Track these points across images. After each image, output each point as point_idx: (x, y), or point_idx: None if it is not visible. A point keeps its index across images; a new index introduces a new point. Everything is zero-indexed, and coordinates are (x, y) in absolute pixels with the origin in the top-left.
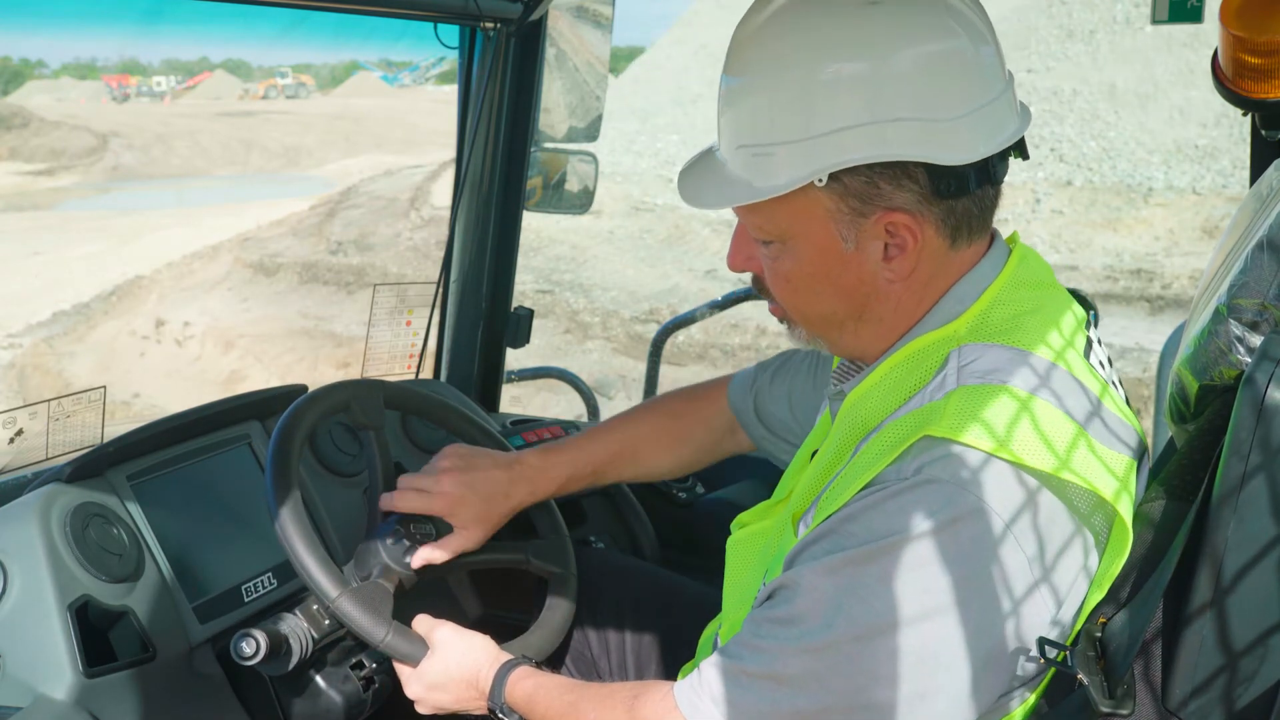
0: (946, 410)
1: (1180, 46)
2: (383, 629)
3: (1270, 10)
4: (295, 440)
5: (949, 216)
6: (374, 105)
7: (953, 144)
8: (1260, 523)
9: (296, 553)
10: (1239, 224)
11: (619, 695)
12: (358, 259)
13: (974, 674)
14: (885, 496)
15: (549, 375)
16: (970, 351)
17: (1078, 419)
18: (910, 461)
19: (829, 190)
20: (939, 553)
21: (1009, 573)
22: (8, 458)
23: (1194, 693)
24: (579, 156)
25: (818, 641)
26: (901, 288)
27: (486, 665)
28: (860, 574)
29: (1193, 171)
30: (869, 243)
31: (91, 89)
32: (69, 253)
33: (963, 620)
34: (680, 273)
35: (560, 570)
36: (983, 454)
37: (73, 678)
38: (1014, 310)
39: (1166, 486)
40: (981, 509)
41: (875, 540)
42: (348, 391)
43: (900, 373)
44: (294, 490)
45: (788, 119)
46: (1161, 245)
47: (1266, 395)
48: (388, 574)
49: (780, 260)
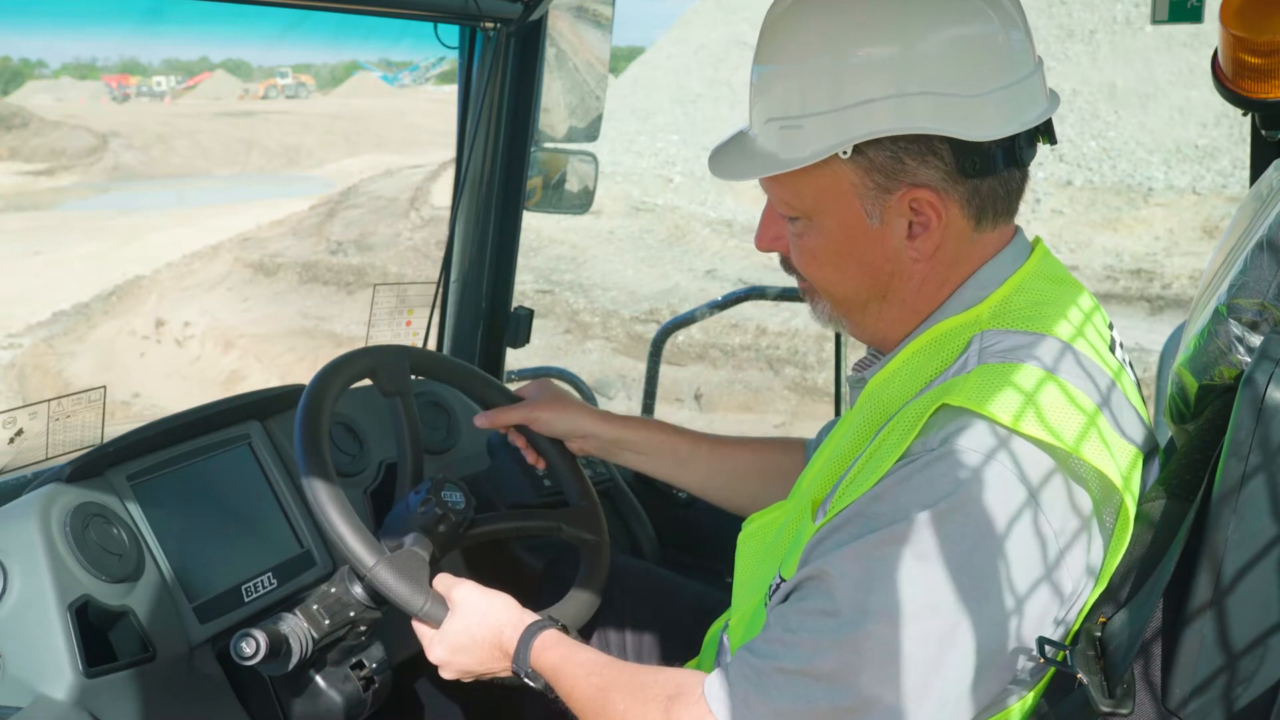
0: (969, 384)
1: (1180, 46)
2: (421, 597)
3: (1270, 10)
4: (324, 407)
5: (974, 196)
6: (374, 105)
7: (977, 120)
8: (1260, 522)
9: (331, 521)
10: (1239, 224)
11: (653, 692)
12: (358, 259)
13: (1003, 650)
14: (912, 470)
15: (549, 375)
16: (993, 336)
17: (1095, 402)
18: (935, 434)
19: (854, 164)
20: (971, 524)
21: (1039, 543)
22: (8, 458)
23: (1194, 692)
24: (579, 156)
25: (856, 631)
26: (925, 267)
27: (510, 626)
28: (890, 554)
29: (1193, 171)
30: (893, 219)
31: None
32: (69, 253)
33: (997, 596)
34: (680, 273)
35: (593, 537)
36: (1004, 426)
37: (73, 678)
38: (1035, 298)
39: (1166, 486)
40: (1008, 478)
41: (902, 519)
42: (374, 357)
43: (922, 358)
44: (326, 458)
45: (816, 93)
46: (1161, 245)
47: (1266, 395)
48: (421, 542)
49: (806, 237)
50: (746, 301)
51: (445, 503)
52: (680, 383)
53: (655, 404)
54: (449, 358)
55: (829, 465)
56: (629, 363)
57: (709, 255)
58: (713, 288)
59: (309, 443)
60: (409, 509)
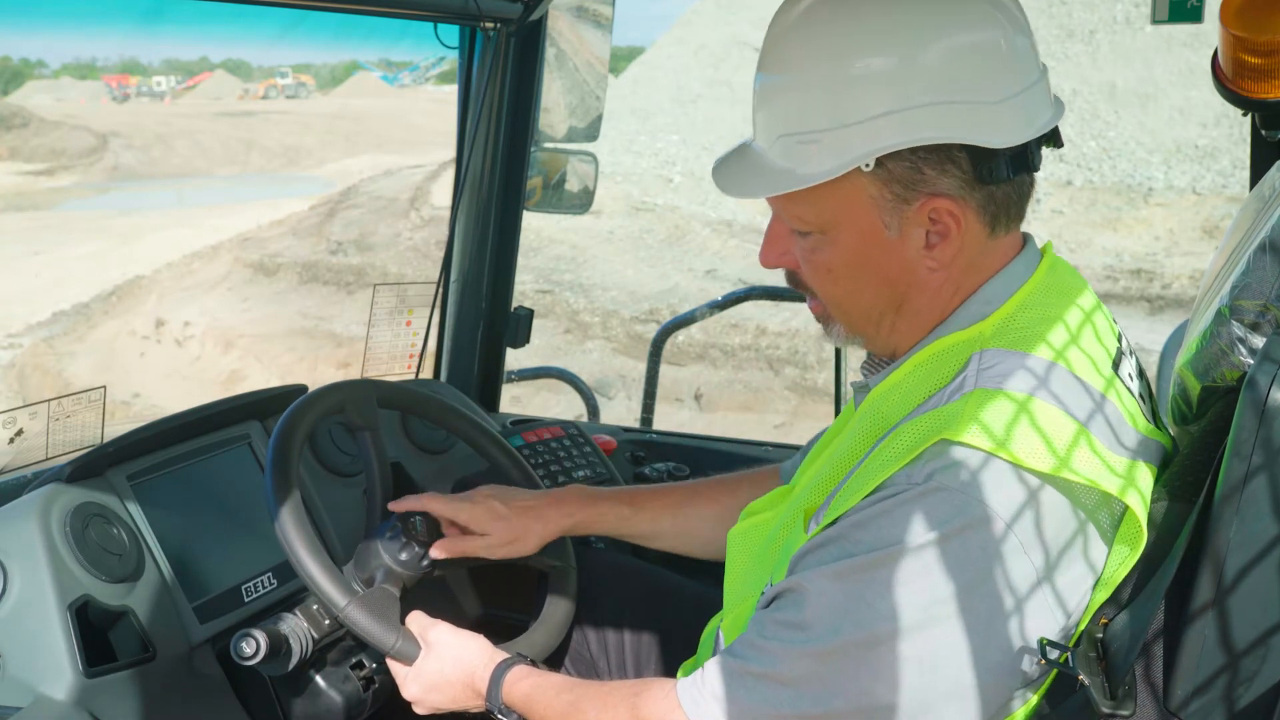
0: (964, 414)
1: (1180, 46)
2: (393, 636)
3: (1270, 10)
4: (293, 445)
5: (989, 203)
6: (374, 105)
7: (997, 127)
8: (1261, 523)
9: (301, 560)
10: (1241, 225)
11: (620, 693)
12: (358, 259)
13: (979, 681)
14: (895, 504)
15: (549, 375)
16: (992, 357)
17: (1083, 419)
18: (922, 466)
19: (874, 176)
20: (946, 560)
21: (1016, 581)
22: (8, 458)
23: (1195, 693)
24: (579, 156)
25: (823, 646)
26: (941, 277)
27: (482, 665)
28: (868, 580)
29: (1193, 171)
30: (911, 229)
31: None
32: (69, 253)
33: (969, 628)
34: (680, 273)
35: (560, 564)
36: (993, 459)
37: (73, 678)
38: (1039, 315)
39: (1168, 487)
40: (990, 517)
41: (883, 547)
42: (342, 393)
43: (923, 372)
44: (295, 496)
45: (831, 107)
46: (1161, 245)
47: (1268, 397)
48: (391, 577)
49: (821, 251)
50: (746, 301)
51: (414, 536)
52: (680, 383)
53: (655, 404)
54: (417, 390)
55: (826, 470)
56: (629, 363)
57: (709, 255)
58: (713, 288)
59: (279, 484)
60: (378, 542)
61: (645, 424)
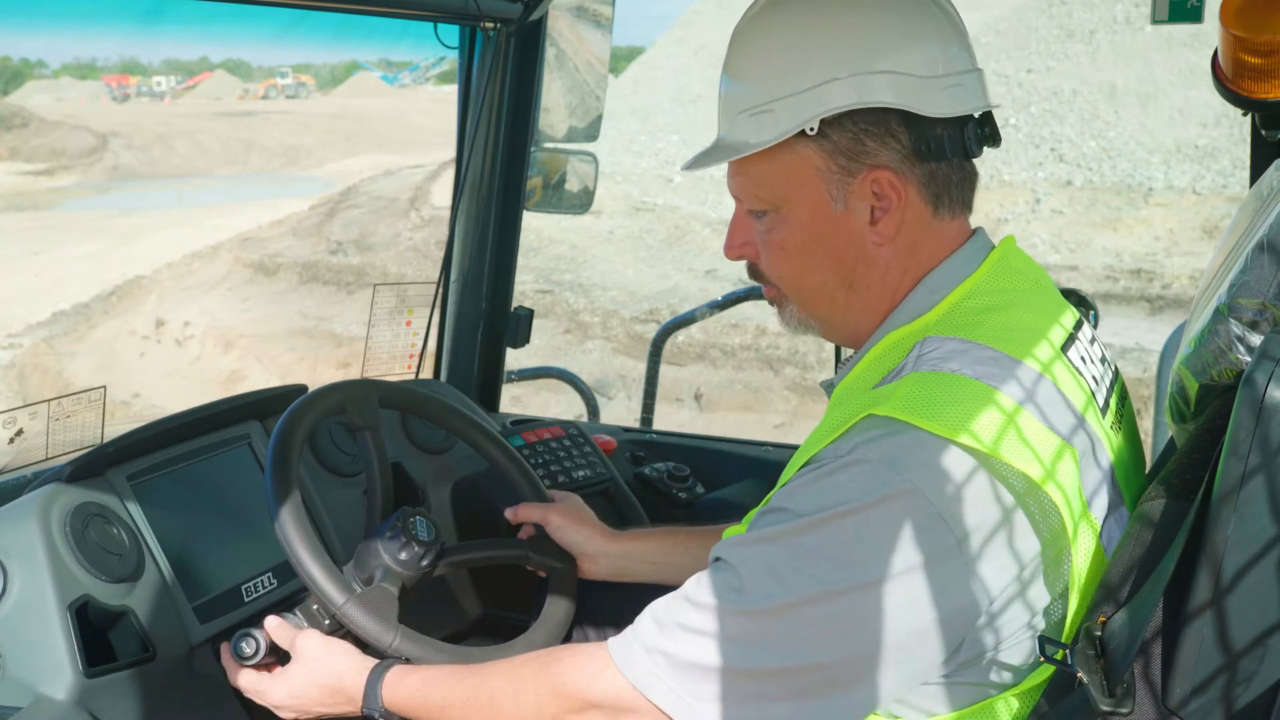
0: (895, 393)
1: (1180, 46)
2: (390, 634)
3: (1270, 10)
4: (293, 446)
5: (931, 181)
6: (374, 105)
7: (930, 100)
8: (1259, 522)
9: (300, 560)
10: (1239, 224)
11: (536, 663)
12: (358, 259)
13: (901, 646)
14: (821, 474)
15: (549, 375)
16: (932, 343)
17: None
18: (848, 440)
19: (819, 147)
20: (867, 529)
21: (938, 552)
22: (8, 458)
23: (1194, 692)
24: (579, 156)
25: (755, 606)
26: (888, 253)
27: (352, 671)
28: (795, 544)
29: (1193, 171)
30: (857, 203)
31: (91, 89)
32: (69, 253)
33: (889, 594)
34: (680, 273)
35: (560, 565)
36: (916, 432)
37: (73, 678)
38: (985, 303)
39: (1166, 485)
40: (912, 489)
41: (810, 514)
42: (342, 393)
43: (876, 365)
44: (295, 495)
45: (782, 78)
46: (1161, 245)
47: (1266, 395)
48: (390, 577)
49: (774, 230)
50: (746, 301)
51: (413, 536)
52: (680, 383)
53: (655, 404)
54: (417, 391)
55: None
56: (629, 362)
57: (709, 255)
58: (713, 288)
59: (279, 484)
60: (378, 542)
61: (645, 424)
